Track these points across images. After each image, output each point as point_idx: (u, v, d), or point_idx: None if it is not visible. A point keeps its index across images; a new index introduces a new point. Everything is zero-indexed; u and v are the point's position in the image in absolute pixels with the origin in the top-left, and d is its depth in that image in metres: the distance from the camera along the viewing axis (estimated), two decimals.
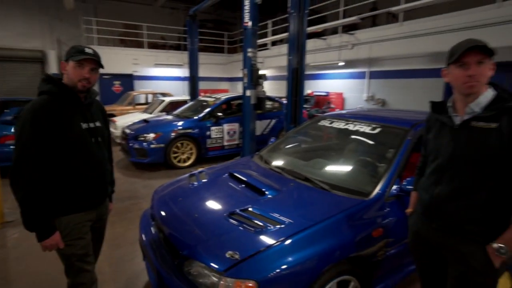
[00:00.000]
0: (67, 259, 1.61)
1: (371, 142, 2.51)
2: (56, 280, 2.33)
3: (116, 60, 11.07)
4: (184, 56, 11.68)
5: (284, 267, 1.50)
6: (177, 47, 12.89)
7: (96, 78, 1.61)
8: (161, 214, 2.11)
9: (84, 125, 1.59)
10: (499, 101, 1.20)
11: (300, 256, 1.56)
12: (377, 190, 1.97)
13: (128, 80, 11.80)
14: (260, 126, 6.36)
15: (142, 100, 10.10)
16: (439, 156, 1.34)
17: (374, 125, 2.53)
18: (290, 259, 1.53)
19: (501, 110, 1.18)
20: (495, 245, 1.20)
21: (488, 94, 1.23)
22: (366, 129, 2.54)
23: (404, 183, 1.94)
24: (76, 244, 1.59)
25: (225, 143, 6.07)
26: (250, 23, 5.01)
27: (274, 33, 10.36)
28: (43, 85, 1.54)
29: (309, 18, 5.60)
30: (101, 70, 1.65)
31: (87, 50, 1.54)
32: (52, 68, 10.42)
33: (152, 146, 5.33)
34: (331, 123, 2.85)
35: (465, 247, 1.27)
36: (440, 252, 1.39)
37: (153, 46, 12.48)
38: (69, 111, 1.54)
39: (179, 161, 5.61)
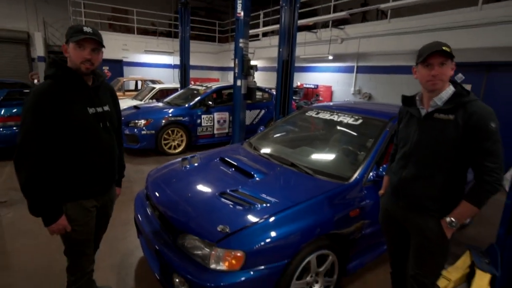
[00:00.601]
0: (69, 242, 1.63)
1: (353, 132, 2.71)
2: (53, 255, 2.46)
3: (105, 44, 10.84)
4: (174, 43, 11.59)
5: (269, 240, 1.69)
6: (167, 34, 12.75)
7: (100, 59, 1.54)
8: (156, 194, 2.25)
9: (91, 110, 1.54)
10: (457, 96, 1.39)
11: (284, 231, 1.74)
12: (356, 175, 2.17)
13: (117, 66, 11.64)
14: (250, 116, 6.50)
15: (132, 87, 10.05)
16: (407, 144, 1.54)
17: (356, 117, 2.72)
18: (275, 233, 1.71)
19: (458, 104, 1.37)
20: (448, 219, 1.41)
21: (449, 90, 1.42)
22: (349, 120, 2.74)
23: (380, 169, 2.15)
24: (80, 230, 1.59)
25: (215, 131, 6.19)
26: (242, 14, 5.10)
27: (266, 24, 10.40)
28: (48, 69, 1.49)
29: (300, 11, 5.72)
30: None
31: (85, 29, 1.45)
32: (38, 50, 10.17)
33: (143, 132, 5.41)
34: (317, 114, 3.03)
35: (423, 221, 1.48)
36: (404, 226, 1.60)
37: (143, 32, 12.30)
38: (74, 96, 1.48)
39: (169, 148, 5.71)
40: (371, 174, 2.20)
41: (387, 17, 6.84)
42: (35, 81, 9.03)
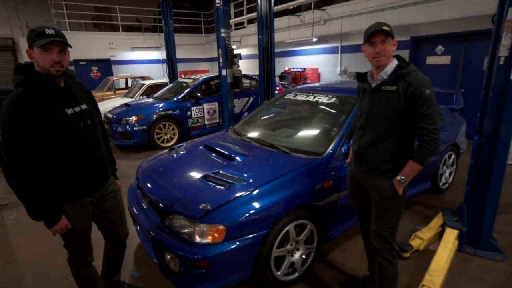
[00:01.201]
0: (68, 238, 1.67)
1: (328, 110, 2.86)
2: (54, 249, 2.64)
3: (91, 45, 10.88)
4: (161, 38, 11.54)
5: (247, 213, 1.86)
6: (153, 29, 12.71)
7: (68, 59, 1.51)
8: (145, 183, 2.41)
9: (69, 111, 1.52)
10: (399, 69, 1.55)
11: (260, 205, 1.90)
12: (328, 150, 2.33)
13: (105, 65, 11.67)
14: (239, 104, 6.62)
15: (122, 85, 10.10)
16: (363, 115, 1.71)
17: (330, 96, 2.87)
18: (252, 207, 1.88)
19: (399, 75, 1.53)
20: (398, 177, 1.58)
21: (392, 64, 1.58)
22: (324, 99, 2.88)
23: (351, 142, 2.30)
24: (76, 228, 1.63)
25: (206, 122, 6.33)
26: (221, 3, 5.15)
27: (250, 11, 10.38)
28: (16, 77, 1.44)
29: None
30: (76, 56, 1.60)
31: (48, 31, 1.39)
32: (25, 56, 10.17)
33: (135, 128, 5.55)
34: (295, 96, 3.17)
35: (379, 182, 1.65)
36: (365, 188, 1.77)
37: (128, 29, 12.27)
38: (49, 100, 1.45)
39: (162, 142, 5.86)
40: (343, 148, 2.35)
41: None
42: None
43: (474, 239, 2.42)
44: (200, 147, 2.79)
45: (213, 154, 2.57)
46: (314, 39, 7.96)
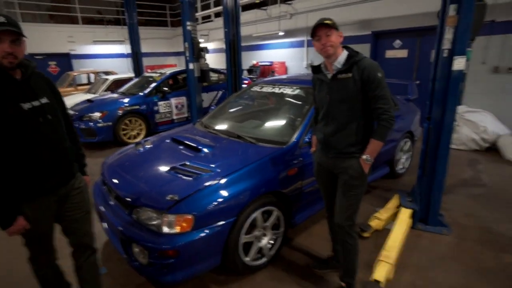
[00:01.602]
0: (28, 238, 1.59)
1: (291, 101, 2.96)
2: (16, 250, 2.52)
3: (48, 38, 10.24)
4: (125, 31, 11.07)
5: (214, 202, 1.91)
6: (116, 22, 12.18)
7: (24, 50, 1.39)
8: (111, 177, 2.37)
9: (27, 105, 1.40)
10: (350, 58, 1.69)
11: (227, 194, 1.96)
12: (293, 139, 2.43)
13: (64, 60, 11.04)
14: (208, 98, 6.59)
15: (84, 81, 9.63)
16: (324, 105, 1.81)
17: (294, 87, 2.97)
18: (218, 196, 1.94)
19: (352, 63, 1.66)
20: (364, 156, 1.72)
21: (343, 54, 1.71)
22: (288, 91, 2.98)
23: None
24: (36, 228, 1.55)
25: (174, 117, 6.24)
26: None
27: (217, 4, 10.28)
28: None
29: None
30: (32, 50, 1.44)
31: None
32: None
33: (100, 125, 5.35)
34: (261, 88, 3.25)
35: (346, 163, 1.77)
36: (333, 173, 1.89)
37: (89, 21, 11.66)
38: (1, 94, 1.34)
39: (129, 138, 5.71)
40: (307, 136, 2.47)
41: None
42: None
43: (425, 216, 2.66)
44: (167, 141, 2.79)
45: (180, 147, 2.58)
46: (281, 33, 8.07)
